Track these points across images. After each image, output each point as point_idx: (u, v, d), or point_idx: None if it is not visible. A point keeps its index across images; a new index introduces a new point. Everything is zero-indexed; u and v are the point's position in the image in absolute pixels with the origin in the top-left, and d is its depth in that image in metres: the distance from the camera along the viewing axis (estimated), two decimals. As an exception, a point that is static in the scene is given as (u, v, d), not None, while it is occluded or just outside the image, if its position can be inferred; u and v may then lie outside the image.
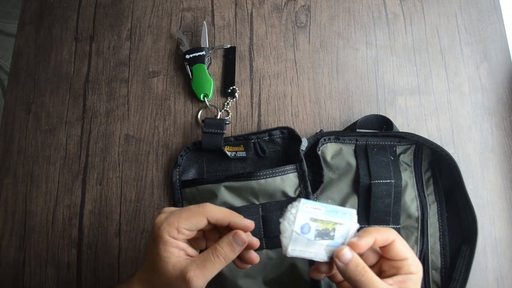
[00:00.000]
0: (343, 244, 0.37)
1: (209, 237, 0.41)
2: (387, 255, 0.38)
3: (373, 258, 0.40)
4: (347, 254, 0.36)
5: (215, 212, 0.38)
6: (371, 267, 0.39)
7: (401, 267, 0.37)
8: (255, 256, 0.40)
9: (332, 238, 0.37)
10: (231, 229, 0.38)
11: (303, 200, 0.38)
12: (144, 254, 0.55)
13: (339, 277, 0.41)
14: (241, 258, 0.40)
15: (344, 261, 0.36)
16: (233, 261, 0.39)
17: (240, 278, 0.50)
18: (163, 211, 0.39)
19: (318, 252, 0.37)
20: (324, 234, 0.37)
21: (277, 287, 0.50)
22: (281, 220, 0.38)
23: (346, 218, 0.37)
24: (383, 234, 0.37)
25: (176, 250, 0.36)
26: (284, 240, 0.37)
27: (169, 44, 0.63)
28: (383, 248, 0.38)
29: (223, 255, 0.37)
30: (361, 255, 0.38)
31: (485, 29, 0.64)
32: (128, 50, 0.63)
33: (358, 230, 0.38)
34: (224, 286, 0.50)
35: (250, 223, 0.39)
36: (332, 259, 0.37)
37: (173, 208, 0.40)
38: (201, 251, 0.40)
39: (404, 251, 0.37)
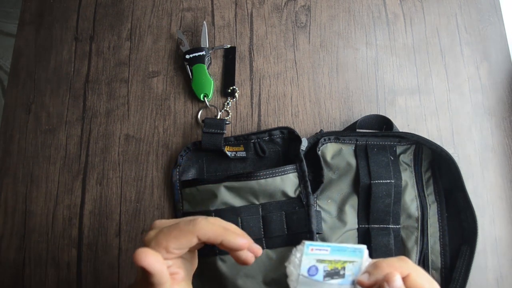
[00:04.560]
0: (353, 281, 0.36)
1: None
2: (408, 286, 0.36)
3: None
4: (398, 281, 0.34)
5: (206, 230, 0.35)
6: None
7: None
8: (256, 248, 0.38)
9: (343, 277, 0.36)
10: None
11: (307, 243, 0.36)
12: (144, 254, 0.55)
13: None
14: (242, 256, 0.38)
15: None
16: (235, 259, 0.38)
17: (240, 278, 0.50)
18: (153, 226, 0.37)
19: None
20: (333, 274, 0.36)
21: (277, 287, 0.50)
22: (286, 264, 0.37)
23: (356, 256, 0.36)
24: (396, 270, 0.35)
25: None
26: (291, 283, 0.36)
27: (169, 44, 0.63)
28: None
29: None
30: None
31: (485, 29, 0.64)
32: (128, 50, 0.63)
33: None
34: (224, 286, 0.50)
35: (243, 244, 0.36)
36: None
37: (164, 222, 0.37)
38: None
39: (421, 281, 0.35)
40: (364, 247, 0.36)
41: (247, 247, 0.36)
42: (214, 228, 0.35)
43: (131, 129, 0.60)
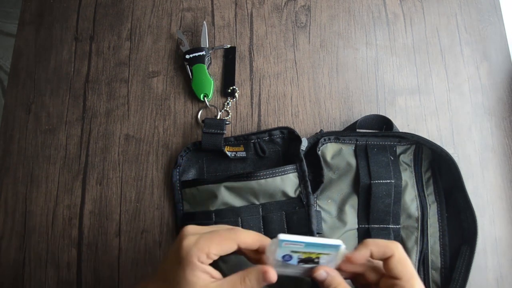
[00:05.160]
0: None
1: None
2: (386, 271, 0.37)
3: (373, 276, 0.39)
4: (322, 275, 0.38)
5: (246, 238, 0.37)
6: (373, 284, 0.39)
7: (394, 285, 0.36)
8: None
9: (317, 263, 0.38)
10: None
11: (280, 239, 0.36)
12: (144, 254, 0.55)
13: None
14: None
15: (320, 279, 0.38)
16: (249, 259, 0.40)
17: (240, 278, 0.50)
18: (187, 232, 0.38)
19: (303, 272, 0.39)
20: (308, 261, 0.38)
21: (277, 287, 0.50)
22: (265, 250, 0.39)
23: (332, 250, 0.37)
24: (380, 248, 0.37)
25: (202, 274, 0.36)
26: (267, 263, 0.39)
27: (169, 44, 0.63)
28: (383, 263, 0.38)
29: (250, 286, 0.37)
30: (360, 273, 0.38)
31: (485, 29, 0.64)
32: (128, 50, 0.63)
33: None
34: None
35: None
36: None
37: (197, 228, 0.39)
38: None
39: (400, 269, 0.36)
40: (340, 244, 0.37)
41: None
42: (252, 236, 0.38)
43: (131, 129, 0.60)
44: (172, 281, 0.36)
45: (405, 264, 0.37)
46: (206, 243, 0.36)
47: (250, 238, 0.38)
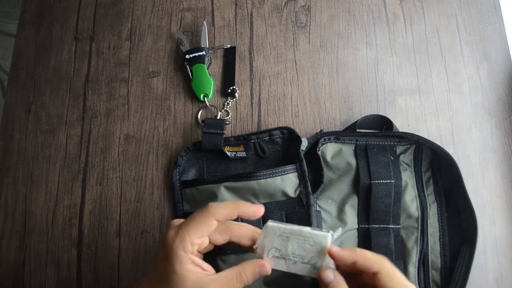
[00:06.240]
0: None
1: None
2: (377, 285, 0.36)
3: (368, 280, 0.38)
4: (329, 277, 0.37)
5: (221, 210, 0.37)
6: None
7: None
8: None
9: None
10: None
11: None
12: (144, 254, 0.55)
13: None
14: None
15: (326, 281, 0.37)
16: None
17: (240, 278, 0.50)
18: (171, 225, 0.38)
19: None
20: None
21: (277, 287, 0.50)
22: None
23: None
24: (366, 261, 0.36)
25: (193, 266, 0.36)
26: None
27: (169, 44, 0.63)
28: (372, 276, 0.37)
29: (246, 281, 0.37)
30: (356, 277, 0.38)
31: (485, 29, 0.64)
32: (128, 50, 0.63)
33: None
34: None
35: (258, 209, 0.39)
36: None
37: (180, 220, 0.39)
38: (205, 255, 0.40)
39: (390, 285, 0.35)
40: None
41: (263, 212, 0.39)
42: (227, 206, 0.37)
43: (131, 129, 0.60)
44: (164, 278, 0.36)
45: (394, 279, 0.36)
46: (185, 231, 0.36)
47: (224, 209, 0.37)
